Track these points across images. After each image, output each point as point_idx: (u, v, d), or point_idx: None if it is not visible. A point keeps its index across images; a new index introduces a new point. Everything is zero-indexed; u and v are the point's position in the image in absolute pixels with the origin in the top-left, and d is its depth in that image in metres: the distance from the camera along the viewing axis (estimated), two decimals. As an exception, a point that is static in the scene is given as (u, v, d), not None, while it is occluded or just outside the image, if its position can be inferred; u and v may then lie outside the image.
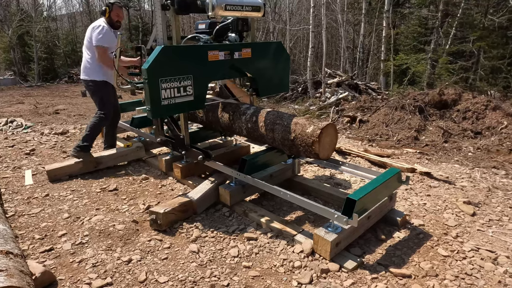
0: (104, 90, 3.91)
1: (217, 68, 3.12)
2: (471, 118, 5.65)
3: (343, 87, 8.94)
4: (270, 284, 2.23)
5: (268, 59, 3.52)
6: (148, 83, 2.69)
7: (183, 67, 2.87)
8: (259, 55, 3.41)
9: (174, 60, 2.81)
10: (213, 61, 3.06)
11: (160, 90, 2.76)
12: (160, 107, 2.81)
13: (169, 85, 2.81)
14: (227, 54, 3.14)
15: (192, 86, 2.96)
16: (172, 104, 2.87)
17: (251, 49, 3.33)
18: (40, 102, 9.09)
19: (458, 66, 9.53)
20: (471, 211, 3.10)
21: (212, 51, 3.04)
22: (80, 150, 3.86)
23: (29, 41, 15.39)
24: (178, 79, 2.85)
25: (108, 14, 3.77)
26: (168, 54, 2.78)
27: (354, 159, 4.54)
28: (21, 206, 3.23)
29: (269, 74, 3.58)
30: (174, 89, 2.85)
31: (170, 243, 2.65)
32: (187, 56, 2.91)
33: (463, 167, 4.25)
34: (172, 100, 2.86)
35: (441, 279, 2.26)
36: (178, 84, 2.87)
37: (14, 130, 5.88)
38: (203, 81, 3.05)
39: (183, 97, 2.93)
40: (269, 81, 3.60)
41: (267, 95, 4.00)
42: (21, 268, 2.01)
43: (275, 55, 3.58)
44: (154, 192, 3.53)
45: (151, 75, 2.69)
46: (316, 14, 10.82)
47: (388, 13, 10.83)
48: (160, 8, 2.96)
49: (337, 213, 2.39)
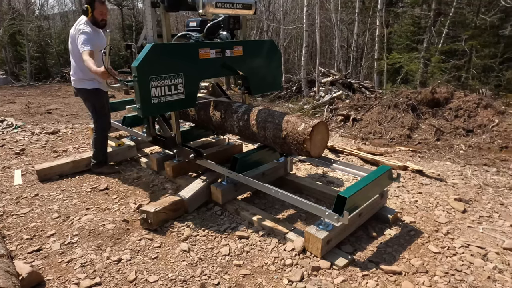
0: (96, 98, 3.67)
1: (208, 66, 3.08)
2: (463, 116, 5.69)
3: (337, 86, 8.96)
4: (261, 283, 2.22)
5: (260, 57, 3.50)
6: (138, 81, 2.65)
7: (173, 65, 2.84)
8: (250, 53, 3.37)
9: (164, 58, 2.78)
10: (204, 59, 3.03)
11: (150, 88, 2.72)
12: (151, 105, 2.77)
13: (160, 83, 2.77)
14: (218, 52, 3.11)
15: (183, 84, 2.93)
16: (162, 103, 2.83)
17: (243, 47, 3.30)
18: (32, 102, 8.99)
19: (450, 65, 9.61)
20: (462, 208, 3.12)
21: (203, 49, 3.01)
22: (97, 167, 3.86)
23: (21, 40, 15.24)
24: (168, 77, 2.82)
25: (90, 14, 3.49)
26: (158, 52, 2.74)
27: (347, 157, 4.54)
28: (10, 206, 3.18)
29: (261, 72, 3.55)
30: (165, 87, 2.81)
31: (160, 242, 2.63)
32: (178, 54, 2.87)
33: (454, 165, 4.28)
34: (163, 98, 2.82)
35: (431, 275, 2.27)
36: (168, 82, 2.83)
37: (4, 130, 5.80)
38: (194, 79, 3.02)
39: (174, 96, 2.89)
40: (261, 79, 3.58)
41: (260, 93, 3.96)
42: (7, 268, 1.98)
43: (267, 53, 3.55)
44: (146, 191, 3.50)
45: (141, 73, 2.65)
46: (310, 13, 10.84)
47: (381, 12, 10.88)
48: (150, 6, 2.94)
49: (328, 210, 2.39)
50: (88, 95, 3.66)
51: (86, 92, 3.64)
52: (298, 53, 17.86)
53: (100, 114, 3.73)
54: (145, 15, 3.06)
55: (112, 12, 21.52)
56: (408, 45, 11.27)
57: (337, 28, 14.57)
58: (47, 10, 22.85)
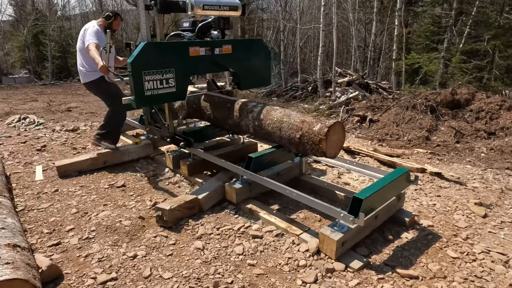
0: (104, 86, 3.91)
1: (198, 62, 3.33)
2: (484, 118, 5.53)
3: (354, 87, 8.85)
4: (274, 283, 2.21)
5: (249, 55, 3.73)
6: (132, 75, 2.92)
7: (165, 62, 3.09)
8: (239, 51, 3.62)
9: (156, 55, 3.04)
10: (194, 56, 3.28)
11: (143, 82, 2.99)
12: (144, 97, 3.03)
13: (152, 78, 3.04)
14: (208, 50, 3.36)
15: (174, 78, 3.19)
16: (155, 95, 3.09)
17: (232, 45, 3.54)
18: (53, 100, 9.25)
19: (472, 66, 9.35)
20: (483, 213, 3.03)
21: (193, 47, 3.26)
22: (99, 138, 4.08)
23: (43, 40, 15.67)
24: (160, 72, 3.08)
25: (111, 21, 3.87)
26: (151, 49, 3.01)
27: (363, 158, 4.48)
28: (31, 200, 3.28)
29: (250, 69, 3.79)
30: (157, 81, 3.08)
31: (175, 240, 2.65)
32: (169, 51, 3.13)
33: (475, 168, 4.16)
34: (155, 91, 3.08)
35: (450, 281, 2.21)
36: (160, 77, 3.10)
37: (27, 127, 5.99)
38: (184, 74, 3.29)
39: (166, 89, 3.16)
40: (251, 75, 3.82)
41: (249, 88, 4.30)
42: (28, 261, 2.04)
43: (256, 51, 3.78)
44: (161, 189, 3.55)
45: (134, 68, 2.92)
46: (327, 13, 10.72)
47: (400, 11, 10.67)
48: (144, 8, 3.27)
49: (343, 212, 2.36)
50: (97, 85, 3.95)
51: (95, 83, 3.94)
52: (314, 53, 17.71)
53: (114, 99, 3.95)
54: (140, 17, 3.39)
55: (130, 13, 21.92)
56: (427, 45, 11.02)
57: (355, 27, 14.39)
58: (69, 10, 23.45)
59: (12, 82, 13.19)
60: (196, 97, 3.91)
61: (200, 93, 3.93)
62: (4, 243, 2.10)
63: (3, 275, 1.80)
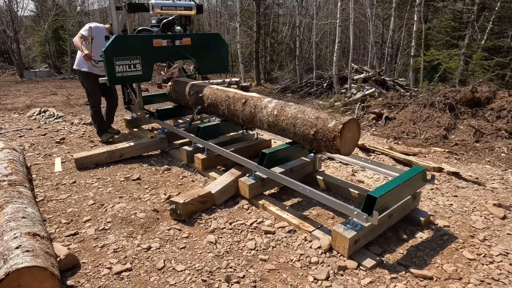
0: (88, 81, 4.57)
1: (160, 51, 4.22)
2: (506, 117, 5.35)
3: (370, 83, 8.71)
4: (286, 278, 2.21)
5: (206, 46, 4.54)
6: (105, 61, 3.84)
7: (132, 50, 3.97)
8: (197, 43, 4.45)
9: (125, 45, 3.91)
10: (157, 47, 4.14)
11: (114, 66, 3.89)
12: (115, 77, 3.94)
13: (122, 63, 3.93)
14: (169, 41, 4.23)
15: (140, 64, 4.07)
16: (124, 76, 4.00)
17: (191, 38, 4.38)
18: (72, 94, 9.46)
19: (494, 63, 9.03)
20: (502, 214, 2.95)
21: (156, 39, 4.14)
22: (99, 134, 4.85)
23: (63, 35, 16.01)
24: (128, 58, 3.97)
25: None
26: (120, 40, 3.90)
27: (378, 156, 4.42)
28: (50, 191, 3.38)
29: (208, 58, 4.63)
30: (126, 65, 3.97)
31: (188, 233, 2.69)
32: (136, 42, 4.00)
33: (494, 168, 4.04)
34: (125, 73, 3.98)
35: (465, 282, 2.17)
36: (129, 62, 3.98)
37: (47, 120, 6.15)
38: (149, 61, 4.18)
39: (134, 72, 4.05)
40: (209, 63, 4.69)
41: (207, 74, 5.06)
42: (47, 249, 2.11)
43: (213, 43, 4.58)
44: (175, 183, 3.59)
45: (107, 55, 3.82)
46: (344, 8, 10.57)
47: (420, 6, 10.41)
48: (115, 9, 4.04)
49: (357, 210, 2.34)
50: (81, 77, 4.64)
51: (80, 75, 4.62)
52: (330, 49, 17.51)
53: (91, 95, 4.69)
54: (112, 16, 4.13)
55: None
56: (447, 42, 10.71)
57: (372, 23, 14.12)
58: (88, 6, 23.85)
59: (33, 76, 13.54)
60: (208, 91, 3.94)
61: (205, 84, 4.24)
62: (25, 231, 2.17)
63: (23, 262, 1.87)
